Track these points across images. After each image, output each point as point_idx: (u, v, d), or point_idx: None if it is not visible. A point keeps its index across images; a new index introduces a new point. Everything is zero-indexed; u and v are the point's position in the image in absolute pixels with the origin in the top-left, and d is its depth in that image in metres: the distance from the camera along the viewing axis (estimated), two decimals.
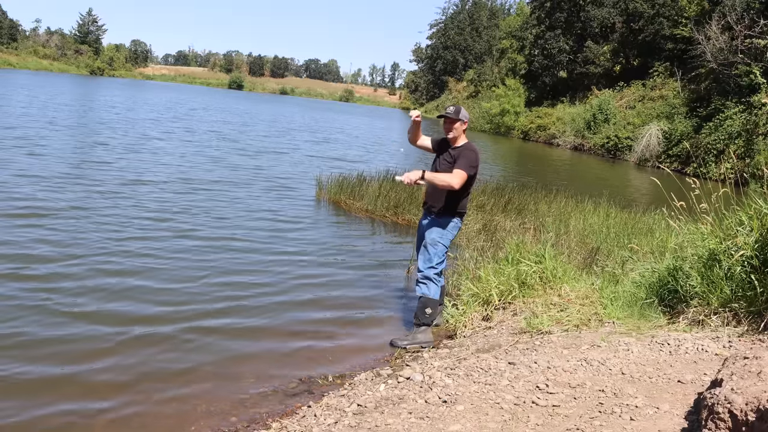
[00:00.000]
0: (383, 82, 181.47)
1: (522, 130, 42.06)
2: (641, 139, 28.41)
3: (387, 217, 9.00)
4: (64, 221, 6.79)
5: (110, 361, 3.85)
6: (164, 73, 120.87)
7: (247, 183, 10.96)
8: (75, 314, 4.45)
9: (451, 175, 4.39)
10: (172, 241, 6.60)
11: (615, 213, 8.86)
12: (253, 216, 8.37)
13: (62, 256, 5.64)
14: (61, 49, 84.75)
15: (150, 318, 4.57)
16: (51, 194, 8.03)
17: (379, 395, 3.33)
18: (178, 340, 4.27)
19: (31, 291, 4.77)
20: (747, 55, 23.61)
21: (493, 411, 2.93)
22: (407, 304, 5.45)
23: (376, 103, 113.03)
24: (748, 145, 22.01)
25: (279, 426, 3.20)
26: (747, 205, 4.15)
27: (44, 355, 3.84)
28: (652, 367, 3.34)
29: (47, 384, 3.53)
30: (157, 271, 5.57)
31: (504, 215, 8.77)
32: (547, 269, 5.00)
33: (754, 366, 2.44)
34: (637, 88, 34.75)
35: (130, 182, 9.57)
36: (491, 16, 77.51)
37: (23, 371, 3.62)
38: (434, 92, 76.86)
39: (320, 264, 6.47)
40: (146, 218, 7.42)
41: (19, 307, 4.45)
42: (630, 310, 4.38)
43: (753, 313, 3.79)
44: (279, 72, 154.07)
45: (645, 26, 35.52)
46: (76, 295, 4.80)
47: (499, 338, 4.33)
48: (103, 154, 12.12)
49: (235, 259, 6.23)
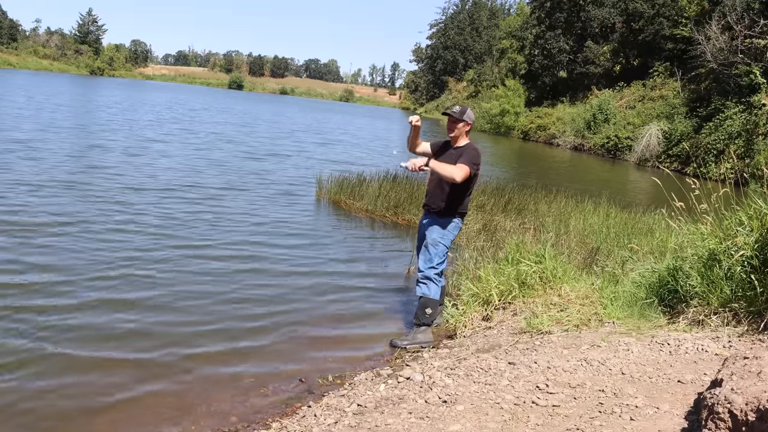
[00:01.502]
0: (383, 82, 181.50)
1: (522, 130, 42.05)
2: (641, 139, 28.40)
3: (387, 217, 9.00)
4: (64, 235, 6.72)
5: (110, 361, 3.86)
6: (164, 73, 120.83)
7: (249, 182, 10.96)
8: (76, 308, 4.46)
9: (454, 167, 4.34)
10: (172, 241, 6.59)
11: (615, 213, 8.86)
12: (253, 216, 8.36)
13: (62, 266, 5.63)
14: (61, 49, 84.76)
15: (150, 318, 4.57)
16: (46, 203, 7.88)
17: (379, 395, 3.33)
18: (178, 340, 4.27)
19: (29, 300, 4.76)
20: (747, 55, 23.60)
21: (493, 411, 2.93)
22: (407, 304, 5.45)
23: (376, 103, 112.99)
24: (748, 145, 22.01)
25: (279, 426, 3.20)
26: (747, 205, 4.15)
27: (44, 354, 3.85)
28: (652, 367, 3.34)
29: (48, 379, 3.54)
30: (157, 271, 5.57)
31: (504, 215, 8.77)
32: (547, 269, 5.00)
33: (754, 366, 2.44)
34: (637, 88, 34.75)
35: (126, 189, 9.55)
36: (491, 16, 77.52)
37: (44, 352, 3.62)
38: (434, 92, 76.86)
39: (320, 264, 6.47)
40: (144, 214, 7.42)
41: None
42: (630, 310, 4.37)
43: (753, 313, 3.79)
44: (279, 72, 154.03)
45: (645, 26, 35.52)
46: (76, 297, 4.81)
47: (499, 338, 4.33)
48: (101, 159, 11.82)
49: (234, 259, 6.22)
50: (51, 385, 3.52)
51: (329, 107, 66.87)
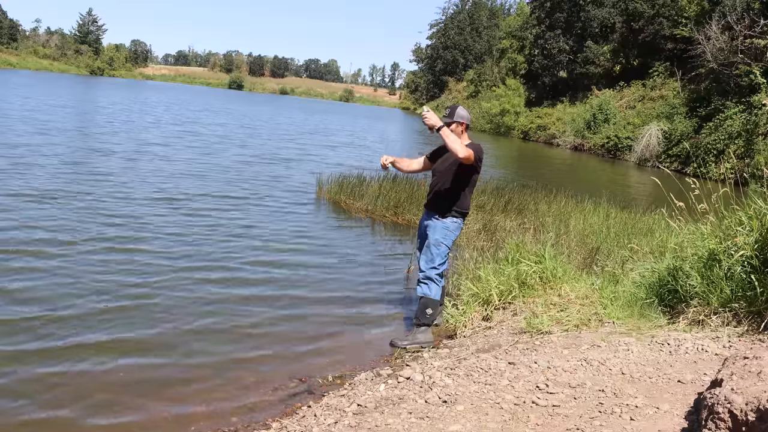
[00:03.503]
0: (383, 82, 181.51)
1: (522, 130, 42.06)
2: (641, 139, 28.41)
3: (387, 217, 9.00)
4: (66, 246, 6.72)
5: (110, 361, 3.86)
6: (164, 73, 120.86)
7: (249, 182, 10.95)
8: (76, 317, 4.46)
9: (462, 146, 4.35)
10: (172, 241, 6.59)
11: (615, 213, 8.86)
12: (252, 216, 8.36)
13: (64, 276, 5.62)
14: (61, 49, 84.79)
15: (150, 318, 4.57)
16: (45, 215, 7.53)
17: (379, 395, 3.33)
18: (178, 341, 4.27)
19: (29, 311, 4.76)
20: (747, 55, 23.61)
21: (493, 411, 2.93)
22: (406, 304, 5.45)
23: (376, 103, 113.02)
24: (748, 145, 22.01)
25: (279, 426, 3.20)
26: (747, 205, 4.15)
27: (44, 352, 3.86)
28: (652, 367, 3.34)
29: (45, 383, 3.54)
30: (157, 270, 5.57)
31: (504, 215, 8.77)
32: (547, 269, 5.00)
33: (754, 366, 2.44)
34: (637, 88, 34.76)
35: (124, 189, 9.54)
36: (491, 16, 77.46)
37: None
38: (434, 92, 76.79)
39: (319, 264, 6.47)
40: (144, 205, 7.42)
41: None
42: (630, 310, 4.37)
43: (753, 313, 3.79)
44: (279, 72, 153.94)
45: (645, 26, 35.50)
46: (77, 306, 4.81)
47: (499, 338, 4.33)
48: (101, 166, 11.19)
49: (232, 259, 6.22)
50: (48, 386, 3.52)
51: (330, 108, 66.82)
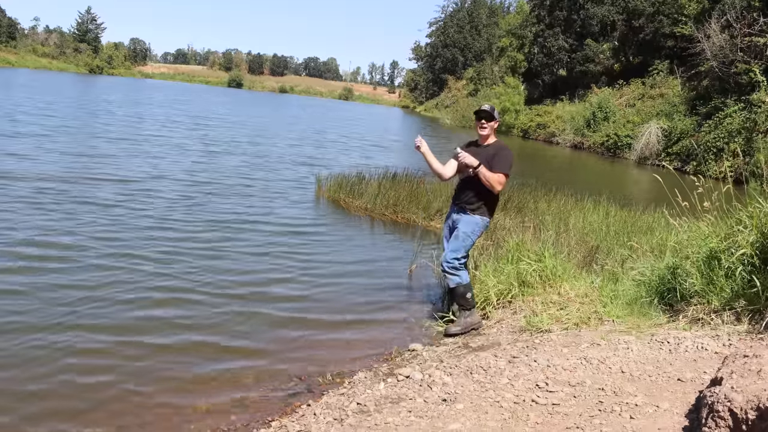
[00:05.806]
0: (383, 81, 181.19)
1: (522, 128, 42.00)
2: (641, 137, 28.36)
3: (386, 215, 9.00)
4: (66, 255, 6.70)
5: (110, 362, 3.86)
6: (163, 72, 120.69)
7: (249, 183, 10.95)
8: (72, 318, 4.46)
9: (495, 178, 4.52)
10: (172, 242, 6.59)
11: (615, 211, 8.85)
12: (252, 215, 8.36)
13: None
14: (60, 47, 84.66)
15: (150, 318, 4.57)
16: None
17: (379, 394, 3.33)
18: (178, 340, 4.27)
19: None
20: (747, 53, 23.58)
21: (492, 409, 2.93)
22: (406, 303, 5.45)
23: (375, 102, 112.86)
24: (747, 143, 22.00)
25: (279, 425, 3.20)
26: (747, 204, 4.14)
27: (44, 351, 3.85)
28: (652, 366, 3.34)
29: (46, 386, 3.54)
30: (157, 270, 5.57)
31: (503, 213, 8.76)
32: (547, 268, 5.00)
33: (754, 364, 2.44)
34: (636, 86, 34.71)
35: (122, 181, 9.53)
36: (491, 14, 77.37)
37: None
38: (434, 90, 76.75)
39: (319, 263, 6.46)
40: (147, 216, 7.42)
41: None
42: (630, 309, 4.37)
43: (753, 312, 3.78)
44: (278, 70, 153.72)
45: (645, 24, 35.46)
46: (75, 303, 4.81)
47: (498, 337, 4.33)
48: (101, 170, 10.48)
49: (232, 259, 6.22)
50: (47, 388, 3.52)
51: (331, 106, 66.75)
